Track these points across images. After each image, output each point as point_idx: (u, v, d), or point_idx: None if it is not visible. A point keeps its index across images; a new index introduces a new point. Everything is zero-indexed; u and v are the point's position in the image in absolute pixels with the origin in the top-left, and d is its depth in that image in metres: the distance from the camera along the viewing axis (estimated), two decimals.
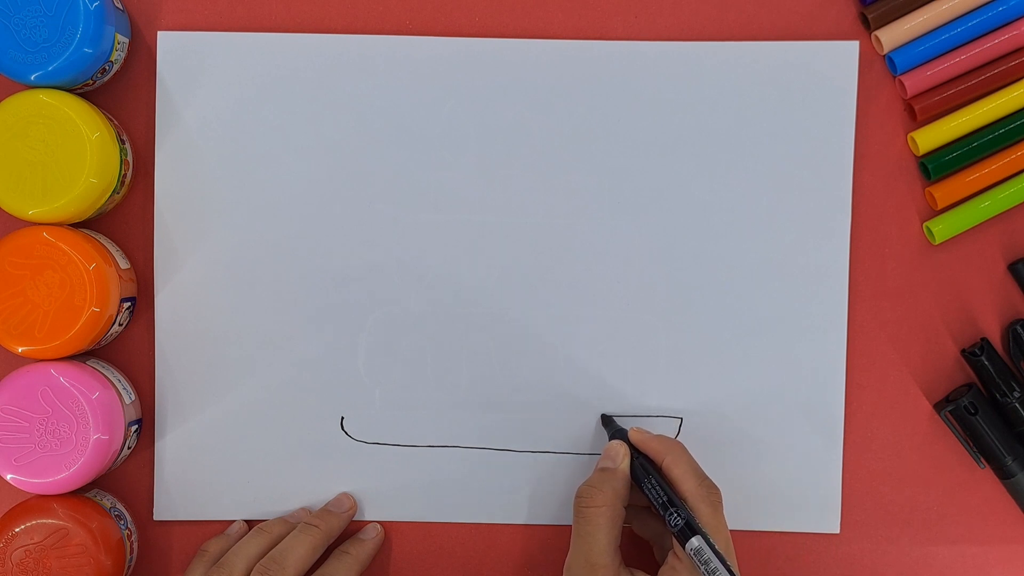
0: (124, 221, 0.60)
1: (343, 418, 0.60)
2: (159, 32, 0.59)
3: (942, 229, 0.59)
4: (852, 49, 0.59)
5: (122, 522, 0.58)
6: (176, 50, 0.59)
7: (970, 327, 0.60)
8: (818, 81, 0.59)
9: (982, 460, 0.59)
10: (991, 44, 0.58)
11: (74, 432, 0.55)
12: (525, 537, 0.61)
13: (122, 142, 0.57)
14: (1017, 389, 0.59)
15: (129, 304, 0.58)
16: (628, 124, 0.60)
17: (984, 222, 0.60)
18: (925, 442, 0.61)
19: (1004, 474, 0.59)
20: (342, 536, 0.59)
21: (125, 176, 0.58)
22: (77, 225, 0.58)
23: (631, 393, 0.60)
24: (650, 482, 0.55)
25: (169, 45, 0.59)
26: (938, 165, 0.59)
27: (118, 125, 0.58)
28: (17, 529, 0.55)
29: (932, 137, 0.59)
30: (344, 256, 0.60)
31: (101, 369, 0.58)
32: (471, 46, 0.59)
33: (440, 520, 0.60)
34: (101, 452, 0.55)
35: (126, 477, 0.60)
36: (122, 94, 0.59)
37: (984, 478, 0.60)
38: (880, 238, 0.60)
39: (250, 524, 0.60)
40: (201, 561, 0.57)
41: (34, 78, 0.54)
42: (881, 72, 0.60)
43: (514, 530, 0.61)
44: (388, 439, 0.60)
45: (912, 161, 0.60)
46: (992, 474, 0.60)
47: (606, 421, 0.60)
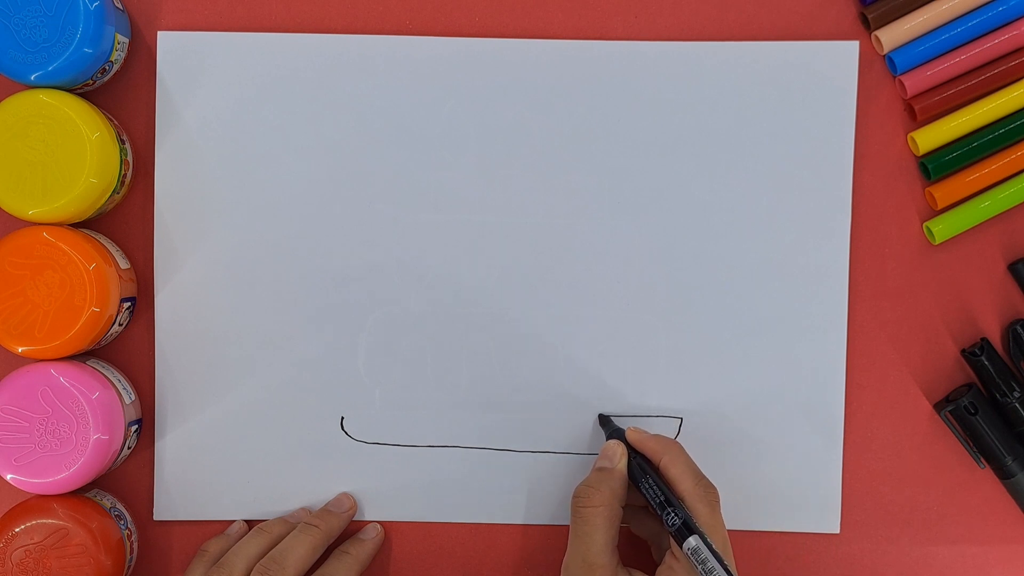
0: (124, 221, 0.60)
1: (343, 418, 0.60)
2: (159, 32, 0.59)
3: (942, 229, 0.59)
4: (852, 49, 0.59)
5: (122, 522, 0.58)
6: (176, 50, 0.59)
7: (970, 327, 0.60)
8: (818, 81, 0.59)
9: (982, 460, 0.59)
10: (991, 44, 0.58)
11: (74, 432, 0.55)
12: (525, 537, 0.61)
13: (122, 142, 0.57)
14: (1017, 389, 0.59)
15: (129, 304, 0.58)
16: (628, 124, 0.60)
17: (984, 222, 0.60)
18: (925, 442, 0.60)
19: (1004, 474, 0.59)
20: (342, 536, 0.59)
21: (125, 176, 0.58)
22: (77, 225, 0.58)
23: (631, 393, 0.60)
24: (647, 482, 0.55)
25: (169, 45, 0.59)
26: (938, 165, 0.59)
27: (118, 125, 0.58)
28: (17, 529, 0.55)
29: (932, 137, 0.59)
30: (344, 256, 0.60)
31: (101, 369, 0.58)
32: (471, 46, 0.59)
33: (440, 520, 0.60)
34: (101, 452, 0.55)
35: (126, 477, 0.60)
36: (122, 94, 0.59)
37: (984, 478, 0.60)
38: (880, 238, 0.60)
39: (250, 524, 0.60)
40: (201, 561, 0.57)
41: (34, 78, 0.54)
42: (881, 72, 0.60)
43: (514, 530, 0.61)
44: (388, 439, 0.60)
45: (912, 161, 0.60)
46: (992, 474, 0.60)
47: (603, 421, 0.60)
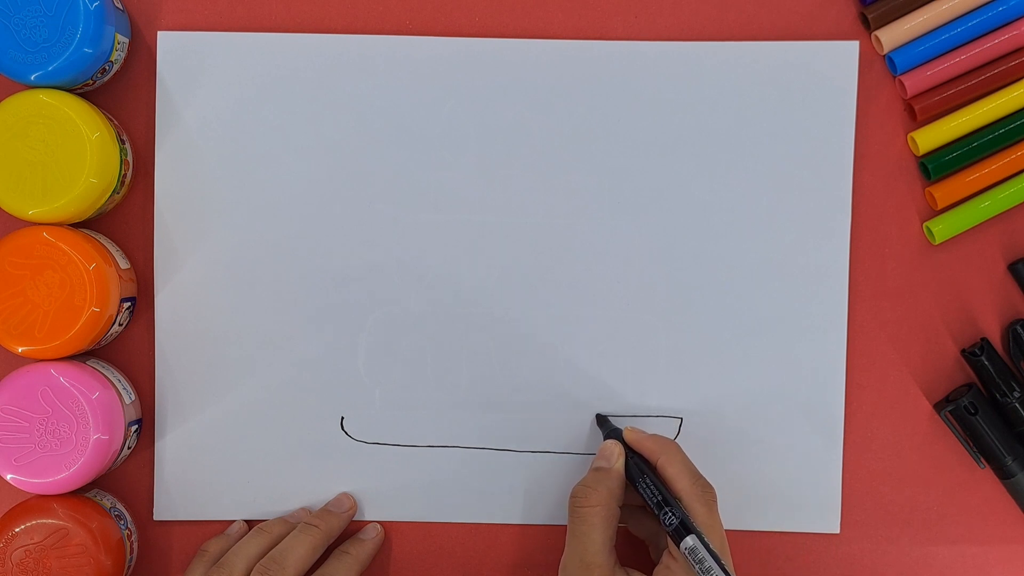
0: (124, 221, 0.60)
1: (343, 418, 0.60)
2: (159, 32, 0.59)
3: (942, 229, 0.59)
4: (852, 49, 0.59)
5: (122, 522, 0.58)
6: (176, 50, 0.59)
7: (970, 327, 0.60)
8: (818, 81, 0.59)
9: (982, 460, 0.59)
10: (991, 44, 0.58)
11: (74, 432, 0.55)
12: (524, 537, 0.61)
13: (122, 142, 0.57)
14: (1017, 389, 0.59)
15: (129, 304, 0.58)
16: (628, 124, 0.60)
17: (984, 222, 0.60)
18: (925, 442, 0.60)
19: (1004, 474, 0.59)
20: (342, 536, 0.59)
21: (125, 176, 0.58)
22: (77, 225, 0.58)
23: (631, 393, 0.60)
24: (645, 481, 0.55)
25: (169, 45, 0.59)
26: (938, 165, 0.59)
27: (118, 125, 0.58)
28: (17, 529, 0.55)
29: (932, 137, 0.59)
30: (344, 256, 0.60)
31: (101, 369, 0.58)
32: (471, 46, 0.59)
33: (440, 520, 0.60)
34: (101, 452, 0.55)
35: (126, 477, 0.60)
36: (122, 94, 0.59)
37: (984, 478, 0.60)
38: (880, 238, 0.60)
39: (250, 524, 0.60)
40: (201, 561, 0.57)
41: (34, 78, 0.54)
42: (881, 72, 0.60)
43: (514, 530, 0.61)
44: (388, 439, 0.60)
45: (912, 161, 0.60)
46: (992, 474, 0.60)
47: (601, 421, 0.60)
